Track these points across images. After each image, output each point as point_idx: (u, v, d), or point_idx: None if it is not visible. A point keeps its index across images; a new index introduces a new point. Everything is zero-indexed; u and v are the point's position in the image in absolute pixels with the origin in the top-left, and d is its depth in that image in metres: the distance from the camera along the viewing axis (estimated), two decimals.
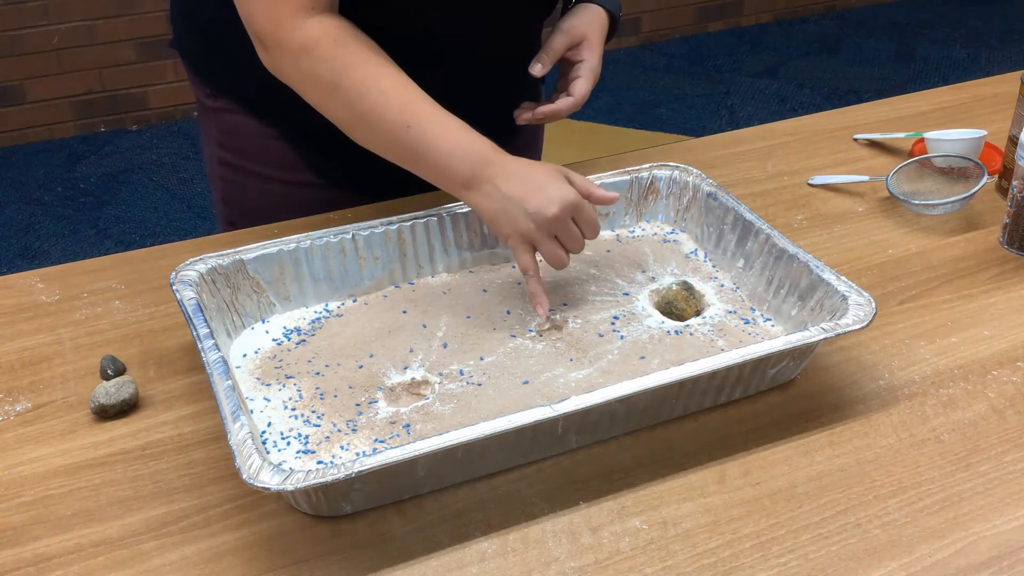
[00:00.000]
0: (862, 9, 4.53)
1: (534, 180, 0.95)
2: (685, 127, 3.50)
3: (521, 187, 0.95)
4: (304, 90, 1.00)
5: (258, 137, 1.18)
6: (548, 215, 0.94)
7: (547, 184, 0.95)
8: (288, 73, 1.00)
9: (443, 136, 0.96)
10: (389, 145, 0.98)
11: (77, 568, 0.76)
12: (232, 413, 0.78)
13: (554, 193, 0.94)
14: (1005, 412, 0.91)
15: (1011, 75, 1.58)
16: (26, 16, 3.20)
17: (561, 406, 0.79)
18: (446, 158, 0.96)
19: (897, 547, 0.77)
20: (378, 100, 0.96)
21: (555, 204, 0.94)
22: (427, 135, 0.96)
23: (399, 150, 0.98)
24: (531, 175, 0.95)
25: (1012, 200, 1.12)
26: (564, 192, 0.95)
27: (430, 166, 0.97)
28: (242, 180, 1.22)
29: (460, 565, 0.76)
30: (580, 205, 0.96)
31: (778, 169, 1.31)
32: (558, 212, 0.94)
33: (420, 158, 0.97)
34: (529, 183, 0.95)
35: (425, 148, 0.96)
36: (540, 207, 0.94)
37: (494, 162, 0.96)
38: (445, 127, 0.96)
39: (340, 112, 0.99)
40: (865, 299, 0.90)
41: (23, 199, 3.07)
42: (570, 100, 1.12)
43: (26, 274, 1.10)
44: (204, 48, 1.12)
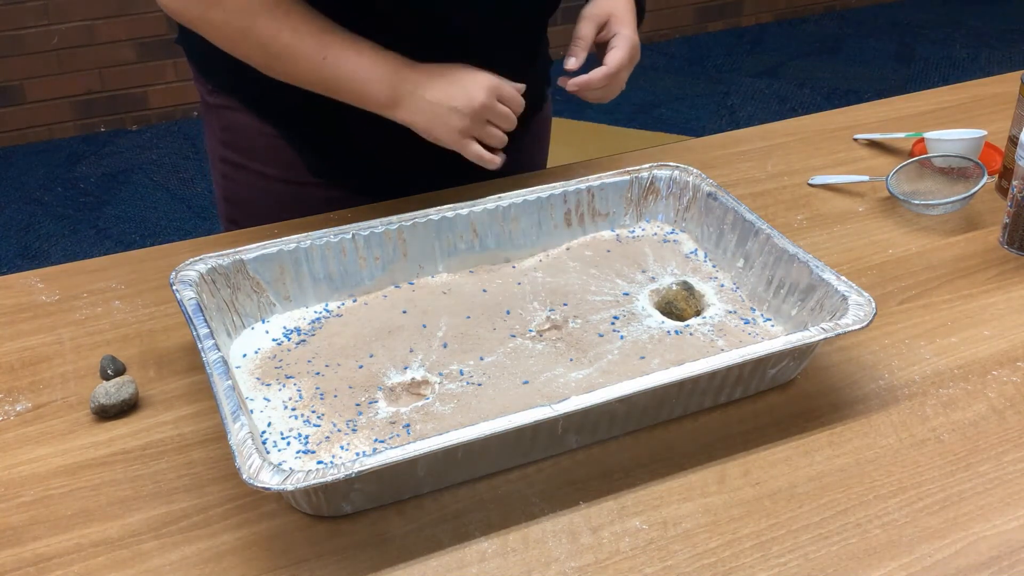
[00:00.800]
0: (862, 9, 4.53)
1: (451, 79, 1.02)
2: (685, 127, 3.50)
3: (442, 90, 1.01)
4: (213, 38, 1.03)
5: (258, 135, 1.18)
6: (475, 105, 1.01)
7: (463, 78, 1.02)
8: (196, 23, 1.02)
9: (359, 62, 1.01)
10: (309, 78, 1.03)
11: (77, 568, 0.76)
12: (232, 413, 0.78)
13: (472, 84, 1.02)
14: (1005, 412, 0.91)
15: (1011, 75, 1.58)
16: (26, 16, 3.20)
17: (561, 406, 0.79)
18: (364, 83, 1.01)
19: (897, 547, 0.77)
20: (291, 38, 1.00)
21: (478, 93, 1.01)
22: (343, 64, 1.00)
23: (319, 83, 1.03)
24: (446, 76, 1.02)
25: (1012, 200, 1.12)
26: (480, 80, 1.02)
27: (352, 93, 1.02)
28: (242, 178, 1.22)
29: (460, 565, 0.76)
30: (498, 85, 1.03)
31: (778, 169, 1.31)
32: (484, 99, 1.02)
33: (341, 86, 1.02)
34: (447, 84, 1.02)
35: (344, 76, 1.01)
36: (466, 101, 1.01)
37: (409, 76, 1.02)
38: (360, 52, 1.01)
39: (255, 56, 1.02)
40: (865, 299, 0.90)
41: (23, 199, 3.07)
42: (604, 69, 1.09)
43: (26, 274, 1.10)
44: (205, 44, 1.12)
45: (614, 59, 1.09)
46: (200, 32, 1.03)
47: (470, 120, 1.02)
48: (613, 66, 1.08)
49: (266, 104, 1.16)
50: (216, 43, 1.03)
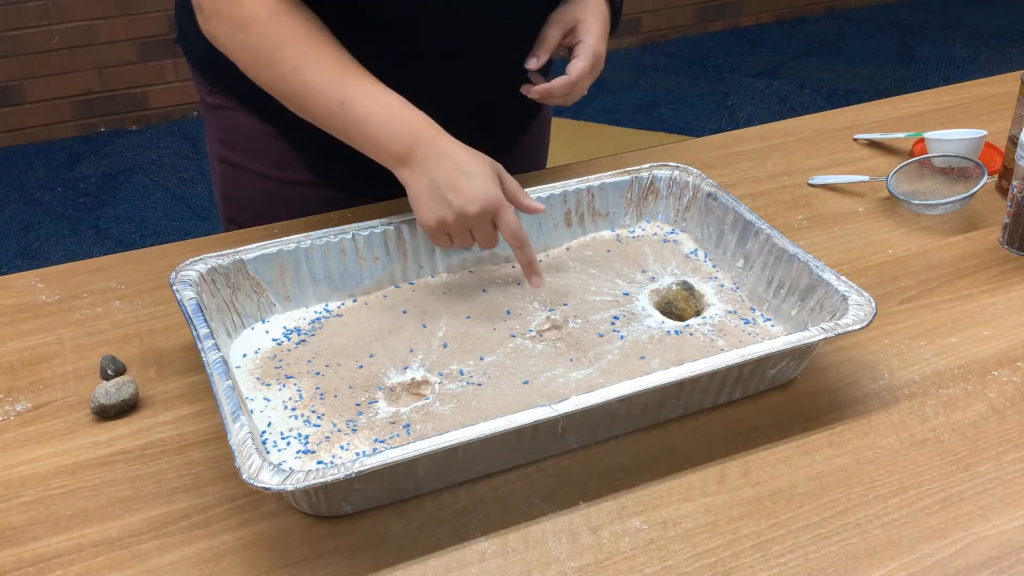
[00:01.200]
0: (862, 9, 4.53)
1: (466, 170, 0.95)
2: (685, 127, 3.50)
3: (452, 174, 0.95)
4: (238, 60, 1.01)
5: (256, 135, 1.18)
6: (468, 212, 0.95)
7: (477, 178, 0.95)
8: (223, 44, 1.01)
9: (377, 111, 0.97)
10: (325, 119, 1.00)
11: (77, 568, 0.76)
12: (232, 413, 0.78)
13: (481, 191, 0.94)
14: (1005, 412, 0.91)
15: (1011, 75, 1.58)
16: (26, 16, 3.20)
17: (561, 406, 0.79)
18: (381, 132, 0.97)
19: (897, 547, 0.77)
20: (312, 75, 0.97)
21: (478, 203, 0.94)
22: (361, 110, 0.97)
23: (333, 125, 0.99)
24: (465, 164, 0.95)
25: (1012, 200, 1.12)
26: (491, 192, 0.95)
27: (365, 140, 0.98)
28: (241, 177, 1.22)
29: (460, 565, 0.76)
30: (502, 209, 0.96)
31: (778, 169, 1.31)
32: (479, 212, 0.95)
33: (355, 132, 0.98)
34: (460, 172, 0.95)
35: (359, 123, 0.97)
36: (463, 203, 0.94)
37: (432, 140, 0.96)
38: (380, 102, 0.97)
39: (275, 86, 1.00)
40: (865, 299, 0.90)
41: (23, 199, 3.07)
42: (564, 79, 1.09)
43: (26, 274, 1.10)
44: (205, 45, 1.12)
45: (575, 68, 1.08)
46: (230, 56, 1.01)
47: (453, 219, 0.95)
48: (573, 76, 1.08)
49: (266, 104, 1.16)
50: (242, 68, 1.01)
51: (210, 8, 0.99)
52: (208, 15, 0.99)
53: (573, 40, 1.11)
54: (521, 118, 1.27)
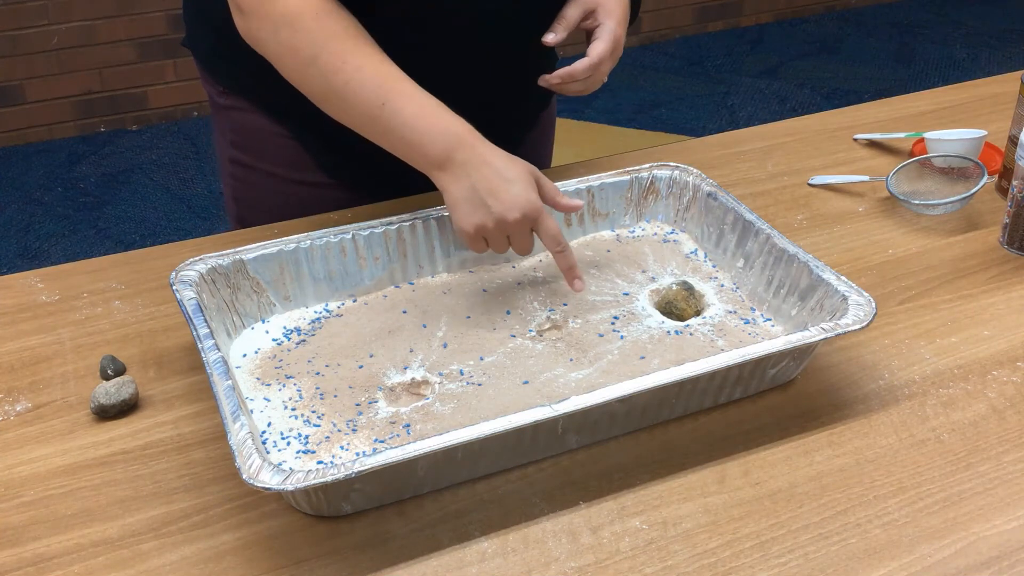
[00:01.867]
0: (862, 9, 4.53)
1: (506, 176, 0.94)
2: (685, 127, 3.50)
3: (492, 180, 0.94)
4: (281, 62, 0.99)
5: (269, 136, 1.18)
6: (508, 219, 0.94)
7: (517, 184, 0.94)
8: (265, 43, 0.99)
9: (419, 115, 0.95)
10: (363, 121, 0.98)
11: (77, 568, 0.76)
12: (232, 413, 0.78)
13: (521, 197, 0.94)
14: (1005, 412, 0.91)
15: (1011, 75, 1.58)
16: (26, 16, 3.20)
17: (561, 406, 0.79)
18: (421, 136, 0.95)
19: (897, 547, 0.77)
20: (353, 75, 0.95)
21: (518, 210, 0.94)
22: (402, 113, 0.95)
23: (372, 127, 0.98)
24: (505, 170, 0.95)
25: (1012, 200, 1.12)
26: (531, 198, 0.94)
27: (404, 143, 0.96)
28: (253, 178, 1.22)
29: (460, 565, 0.76)
30: (542, 216, 0.95)
31: (778, 169, 1.31)
32: (519, 218, 0.94)
33: (394, 136, 0.96)
34: (501, 178, 0.94)
35: (400, 125, 0.95)
36: (503, 210, 0.94)
37: (472, 146, 0.95)
38: (422, 106, 0.96)
39: (315, 85, 0.98)
40: (865, 299, 0.90)
41: (23, 199, 3.07)
42: (586, 60, 1.07)
43: (26, 274, 1.10)
44: (217, 46, 1.12)
45: (596, 51, 1.06)
46: (269, 58, 1.00)
47: (493, 225, 0.94)
48: (595, 57, 1.06)
49: (278, 104, 1.16)
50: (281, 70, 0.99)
51: (251, 6, 0.97)
52: (249, 14, 0.98)
53: (593, 23, 1.09)
54: (528, 114, 1.27)
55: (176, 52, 3.40)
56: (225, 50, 1.06)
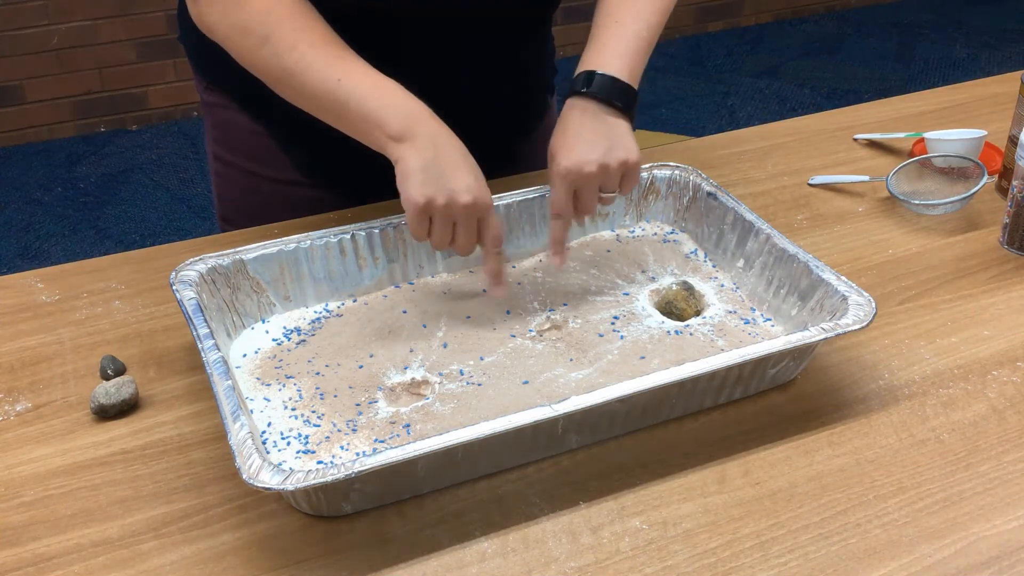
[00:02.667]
0: (862, 9, 4.53)
1: (468, 163, 0.93)
2: (685, 127, 3.50)
3: (455, 159, 0.92)
4: (232, 43, 0.99)
5: (248, 133, 1.19)
6: (460, 200, 0.92)
7: (475, 174, 0.93)
8: (215, 25, 0.98)
9: (376, 89, 0.94)
10: (318, 98, 0.96)
11: (77, 568, 0.76)
12: (232, 413, 0.78)
13: (477, 185, 0.92)
14: (1005, 412, 0.91)
15: (1011, 75, 1.58)
16: (26, 16, 3.20)
17: (561, 406, 0.79)
18: (380, 109, 0.93)
19: (897, 547, 0.77)
20: (307, 52, 0.95)
21: (472, 193, 0.92)
22: (359, 87, 0.94)
23: (328, 103, 0.96)
24: (463, 154, 0.93)
25: (1012, 200, 1.12)
26: (484, 192, 0.93)
27: (362, 118, 0.94)
28: (233, 175, 1.23)
29: (460, 565, 0.76)
30: (490, 212, 0.94)
31: (778, 169, 1.31)
32: (470, 203, 0.92)
33: (351, 110, 0.94)
34: (463, 161, 0.93)
35: (358, 99, 0.94)
36: (458, 188, 0.91)
37: (430, 122, 0.93)
38: (378, 82, 0.95)
39: (268, 66, 0.97)
40: (865, 299, 0.90)
41: (23, 199, 3.07)
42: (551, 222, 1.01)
43: (26, 274, 1.10)
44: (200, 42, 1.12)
45: (551, 203, 1.00)
46: (220, 42, 1.00)
47: (443, 202, 0.91)
48: (554, 212, 1.00)
49: (256, 101, 1.16)
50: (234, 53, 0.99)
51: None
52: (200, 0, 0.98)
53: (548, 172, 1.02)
54: (522, 122, 1.27)
55: (176, 52, 3.40)
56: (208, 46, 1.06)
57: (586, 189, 0.99)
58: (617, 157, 0.98)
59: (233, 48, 0.99)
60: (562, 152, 0.98)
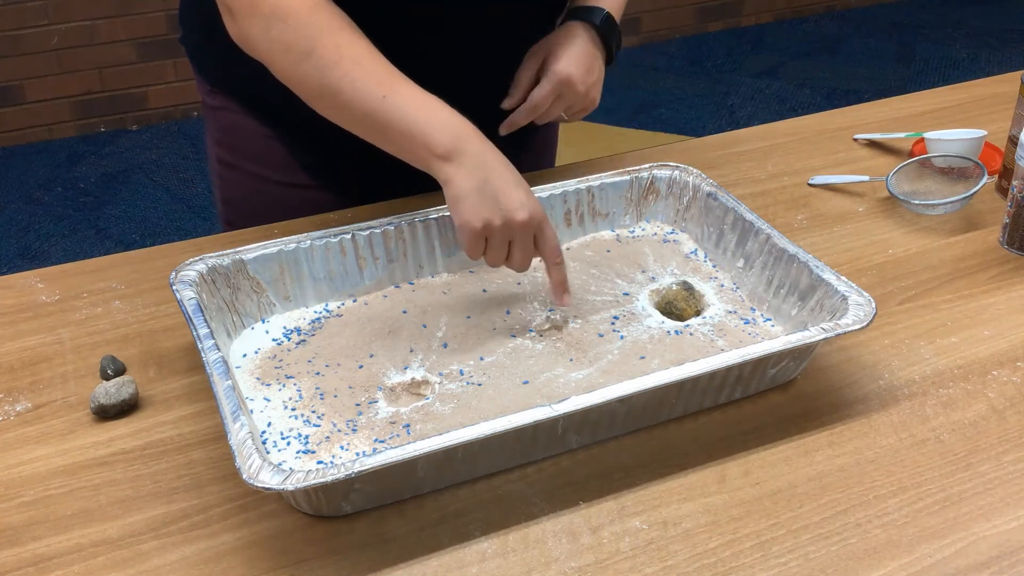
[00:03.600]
0: (862, 9, 4.53)
1: (516, 178, 0.94)
2: (685, 127, 3.50)
3: (505, 177, 0.93)
4: (273, 60, 0.97)
5: (255, 136, 1.18)
6: (516, 218, 0.92)
7: (524, 188, 0.94)
8: (256, 41, 0.97)
9: (423, 106, 0.94)
10: (362, 116, 0.95)
11: (77, 568, 0.76)
12: (232, 413, 0.78)
13: (529, 199, 0.93)
14: (1005, 412, 0.91)
15: (1011, 75, 1.58)
16: (26, 16, 3.20)
17: (561, 406, 0.79)
18: (426, 126, 0.92)
19: (897, 547, 0.77)
20: (352, 69, 0.93)
21: (527, 210, 0.92)
22: (405, 105, 0.93)
23: (370, 121, 0.95)
24: (514, 172, 0.94)
25: (1012, 200, 1.12)
26: (537, 204, 0.93)
27: (407, 136, 0.93)
28: (238, 179, 1.22)
29: (460, 565, 0.76)
30: (546, 223, 0.94)
31: (778, 169, 1.31)
32: (526, 220, 0.92)
33: (396, 128, 0.93)
34: (512, 177, 0.93)
35: (403, 117, 0.93)
36: (513, 208, 0.92)
37: (481, 140, 0.94)
38: (424, 98, 0.94)
39: (310, 82, 0.95)
40: (865, 299, 0.90)
41: (23, 199, 3.07)
42: (523, 106, 1.12)
43: (26, 274, 1.10)
44: (206, 44, 1.11)
45: (534, 95, 1.11)
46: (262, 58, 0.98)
47: (500, 223, 0.92)
48: (531, 101, 1.11)
49: (264, 105, 1.16)
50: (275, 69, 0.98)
51: (240, 7, 0.95)
52: (239, 14, 0.96)
53: (544, 71, 1.12)
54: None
55: (176, 52, 3.40)
56: (213, 49, 1.06)
57: (564, 100, 1.11)
58: (594, 92, 1.13)
59: (274, 64, 0.97)
60: (565, 60, 1.10)
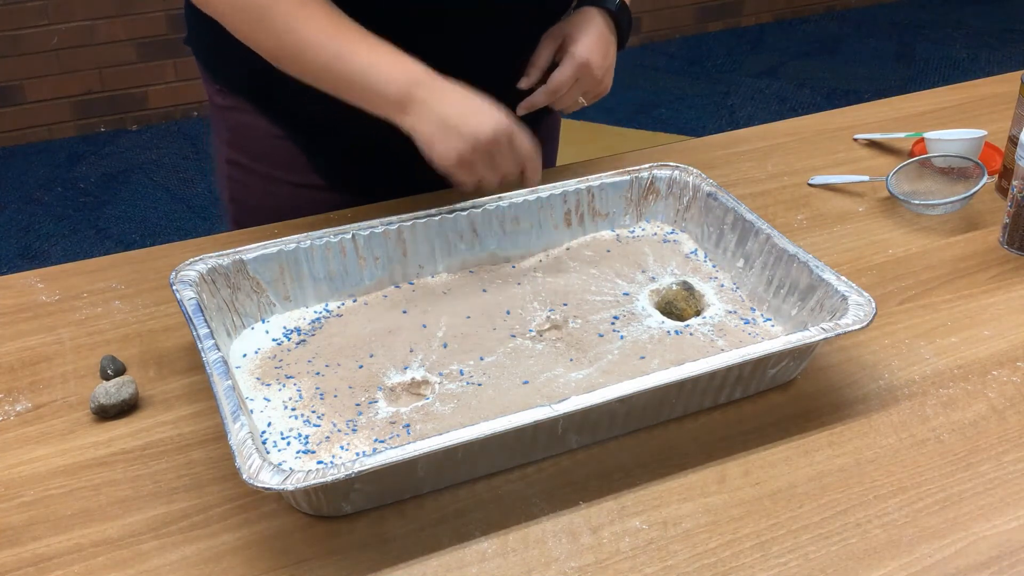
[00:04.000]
0: (862, 9, 4.53)
1: (470, 102, 0.96)
2: (685, 127, 3.50)
3: (457, 108, 0.96)
4: (231, 21, 1.00)
5: (266, 137, 1.18)
6: (482, 139, 0.95)
7: (480, 107, 0.96)
8: (215, 3, 0.99)
9: (374, 61, 0.97)
10: (318, 74, 0.99)
11: (77, 568, 0.76)
12: (232, 413, 0.78)
13: (488, 116, 0.96)
14: (1005, 412, 0.91)
15: (1011, 75, 1.58)
16: (26, 16, 3.20)
17: (561, 406, 0.79)
18: (377, 82, 0.96)
19: (897, 547, 0.77)
20: (305, 29, 0.96)
21: (489, 127, 0.95)
22: (357, 61, 0.96)
23: (329, 78, 0.98)
24: (467, 98, 0.97)
25: (1012, 200, 1.12)
26: (498, 116, 0.96)
27: (362, 90, 0.98)
28: (249, 180, 1.22)
29: (460, 565, 0.76)
30: (514, 131, 0.98)
31: (778, 169, 1.31)
32: (491, 136, 0.96)
33: (351, 85, 0.98)
34: (465, 105, 0.96)
35: (356, 74, 0.97)
36: (475, 131, 0.95)
37: (428, 83, 0.97)
38: (376, 52, 0.97)
39: (268, 43, 0.99)
40: (865, 299, 0.90)
41: (23, 199, 3.07)
42: (543, 88, 1.12)
43: (26, 274, 1.10)
44: (215, 45, 1.11)
45: (554, 77, 1.11)
46: (218, 17, 1.01)
47: (471, 149, 0.96)
48: (551, 85, 1.11)
49: (275, 105, 1.16)
50: (232, 29, 1.00)
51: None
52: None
53: (562, 54, 1.13)
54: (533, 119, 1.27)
55: (176, 52, 3.40)
56: (223, 49, 1.06)
57: (582, 84, 1.11)
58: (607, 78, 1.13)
59: (230, 24, 1.00)
60: (584, 44, 1.10)
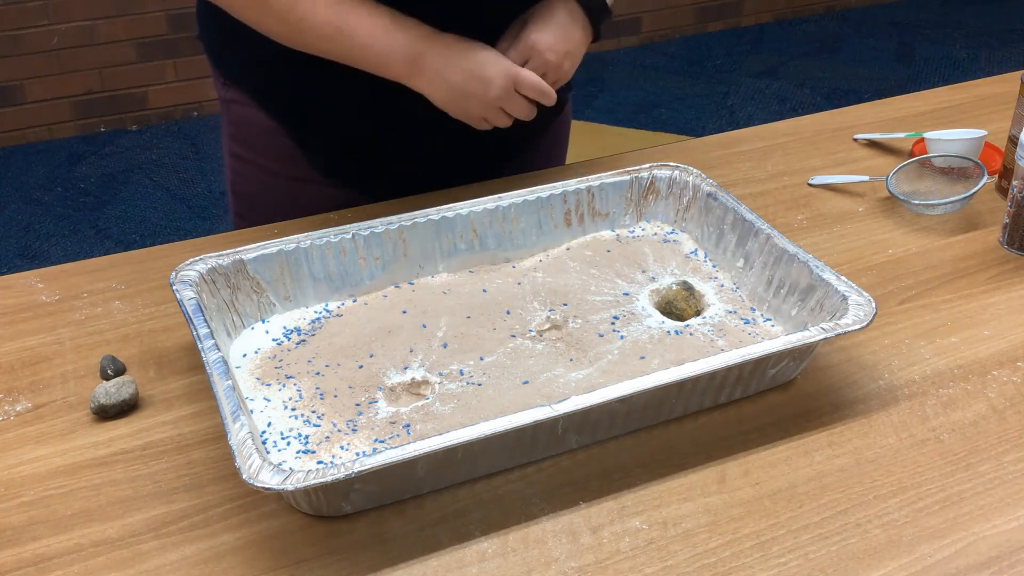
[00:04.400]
0: (862, 9, 4.53)
1: (471, 64, 1.02)
2: (685, 127, 3.50)
3: (460, 73, 1.02)
4: (235, 6, 1.03)
5: (266, 131, 1.19)
6: (491, 95, 1.03)
7: (483, 65, 1.02)
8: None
9: (375, 33, 1.01)
10: (325, 51, 1.03)
11: (77, 568, 0.76)
12: (232, 413, 0.78)
13: (490, 72, 1.02)
14: (1005, 412, 0.91)
15: (1011, 75, 1.58)
16: (26, 16, 3.20)
17: (561, 406, 0.79)
18: (380, 56, 1.02)
19: (897, 547, 0.77)
20: (306, 8, 0.99)
21: (497, 84, 1.02)
22: (359, 36, 1.01)
23: (335, 52, 1.03)
24: (467, 60, 1.02)
25: (1012, 200, 1.12)
26: (498, 67, 1.02)
27: (367, 63, 1.03)
28: (249, 173, 1.23)
29: (460, 565, 0.76)
30: (518, 75, 1.03)
31: (778, 169, 1.31)
32: (499, 92, 1.03)
33: (356, 59, 1.03)
34: (467, 69, 1.02)
35: (360, 49, 1.01)
36: (484, 91, 1.02)
37: (428, 51, 1.02)
38: (376, 23, 1.01)
39: (273, 26, 1.03)
40: (865, 299, 0.90)
41: (23, 199, 3.07)
42: None
43: (26, 274, 1.10)
44: (221, 38, 1.12)
45: None
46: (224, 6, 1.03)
47: (483, 107, 1.04)
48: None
49: (275, 100, 1.16)
50: (238, 14, 1.04)
51: None
52: None
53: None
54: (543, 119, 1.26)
55: (176, 52, 3.41)
56: (227, 42, 1.07)
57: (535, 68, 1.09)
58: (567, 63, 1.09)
59: (236, 10, 1.03)
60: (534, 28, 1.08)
